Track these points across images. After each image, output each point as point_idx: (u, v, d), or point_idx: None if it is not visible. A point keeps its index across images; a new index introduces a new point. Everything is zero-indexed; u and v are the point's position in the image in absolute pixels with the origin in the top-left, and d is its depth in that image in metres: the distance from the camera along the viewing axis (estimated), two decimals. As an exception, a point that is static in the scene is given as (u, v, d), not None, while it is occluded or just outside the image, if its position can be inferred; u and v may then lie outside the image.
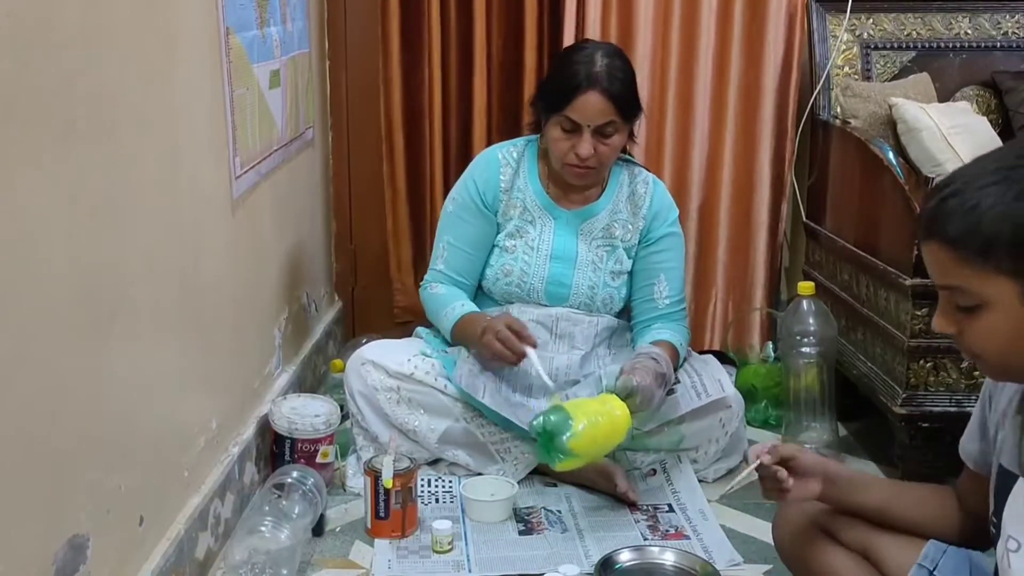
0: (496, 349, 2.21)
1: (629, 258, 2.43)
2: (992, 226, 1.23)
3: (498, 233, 2.43)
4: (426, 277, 2.48)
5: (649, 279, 2.43)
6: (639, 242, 2.43)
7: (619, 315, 2.48)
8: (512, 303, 2.43)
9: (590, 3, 2.88)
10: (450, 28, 2.96)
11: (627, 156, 2.50)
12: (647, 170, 2.52)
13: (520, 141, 2.49)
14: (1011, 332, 1.27)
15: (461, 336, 2.35)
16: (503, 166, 2.43)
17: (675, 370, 2.35)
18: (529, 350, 2.21)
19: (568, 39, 2.89)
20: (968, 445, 1.54)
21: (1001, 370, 1.35)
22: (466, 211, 2.42)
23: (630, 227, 2.42)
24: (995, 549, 1.41)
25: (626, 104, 2.29)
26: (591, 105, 2.25)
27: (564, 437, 1.99)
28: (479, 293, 2.49)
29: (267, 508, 1.96)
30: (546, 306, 2.41)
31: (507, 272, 2.41)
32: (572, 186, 2.42)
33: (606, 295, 2.41)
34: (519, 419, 2.25)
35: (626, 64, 2.36)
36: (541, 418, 2.04)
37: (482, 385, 2.28)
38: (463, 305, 2.38)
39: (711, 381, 2.35)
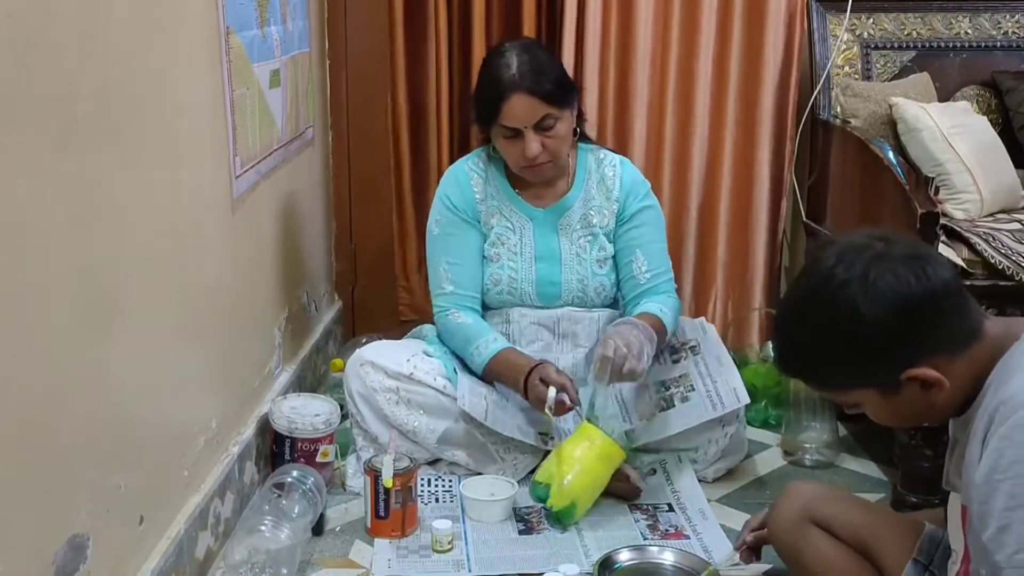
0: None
1: (611, 242, 2.43)
2: (827, 365, 1.43)
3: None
4: (439, 304, 2.40)
5: (627, 257, 2.42)
6: (616, 223, 2.42)
7: (615, 304, 2.48)
8: (507, 308, 2.43)
9: (590, 1, 2.88)
10: (454, 26, 2.96)
11: (590, 142, 2.49)
12: (612, 151, 2.51)
13: (481, 151, 2.46)
14: (890, 413, 1.46)
15: (495, 376, 2.33)
16: (472, 178, 2.41)
17: (664, 338, 2.33)
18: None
19: (568, 39, 2.89)
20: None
21: (895, 424, 1.56)
22: (453, 227, 2.40)
23: (605, 212, 2.41)
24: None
25: (554, 95, 2.25)
26: (519, 108, 2.23)
27: (557, 514, 2.13)
28: None
29: (267, 507, 1.96)
30: (542, 307, 2.41)
31: (496, 281, 2.40)
32: (541, 183, 2.41)
33: (596, 284, 2.40)
34: (523, 436, 2.28)
35: (543, 54, 2.33)
36: (532, 493, 2.18)
37: (484, 404, 2.28)
38: (495, 340, 2.33)
39: (726, 390, 2.31)
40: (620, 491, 2.27)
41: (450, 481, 2.34)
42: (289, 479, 2.05)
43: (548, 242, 2.41)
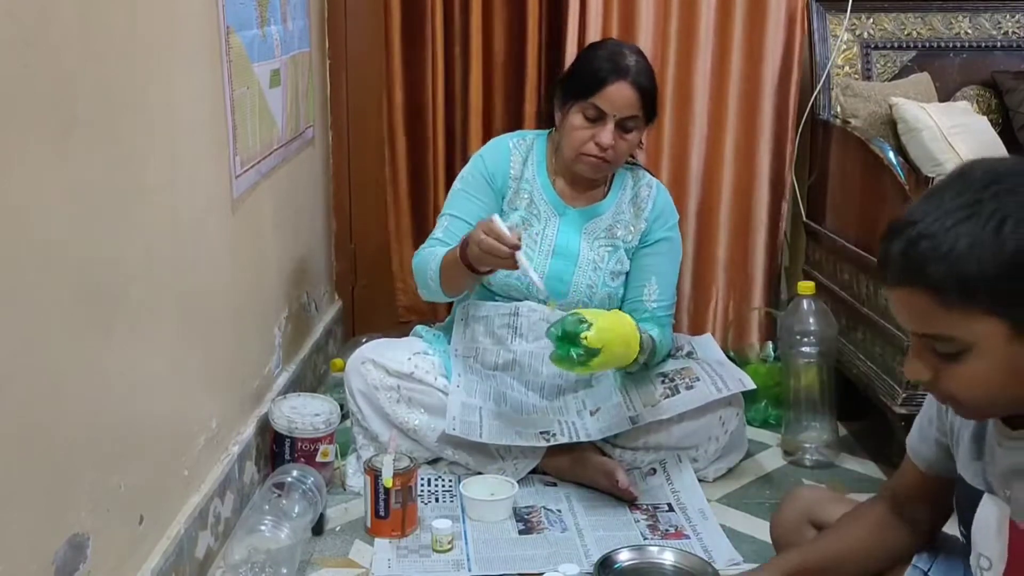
0: (487, 248, 2.09)
1: (629, 259, 2.44)
2: (974, 267, 1.16)
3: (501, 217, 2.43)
4: (424, 245, 2.41)
5: (640, 280, 2.43)
6: (639, 243, 2.44)
7: None
8: (515, 299, 2.42)
9: (591, 2, 2.88)
10: (452, 26, 2.96)
11: (632, 161, 2.52)
12: (651, 174, 2.53)
13: (529, 134, 2.51)
14: (997, 375, 1.22)
15: (448, 270, 2.25)
16: (513, 153, 2.45)
17: (648, 357, 2.30)
18: (519, 255, 2.10)
19: (571, 41, 2.88)
20: (922, 448, 1.50)
21: (979, 413, 1.31)
22: (474, 188, 2.42)
23: (632, 228, 2.43)
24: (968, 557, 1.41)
25: (651, 101, 2.33)
26: (621, 95, 2.28)
27: (581, 334, 2.02)
28: (480, 287, 2.47)
29: (267, 507, 1.96)
30: (544, 303, 2.41)
31: None
32: (579, 183, 2.43)
33: (604, 295, 2.41)
34: (524, 440, 2.27)
35: (651, 65, 2.40)
36: (557, 324, 2.06)
37: (477, 419, 2.28)
38: (445, 250, 2.29)
39: (732, 379, 2.35)
40: (617, 493, 2.27)
41: (450, 481, 2.34)
42: (289, 479, 2.05)
43: (569, 241, 2.42)
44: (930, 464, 1.49)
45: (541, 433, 2.29)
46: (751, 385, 2.35)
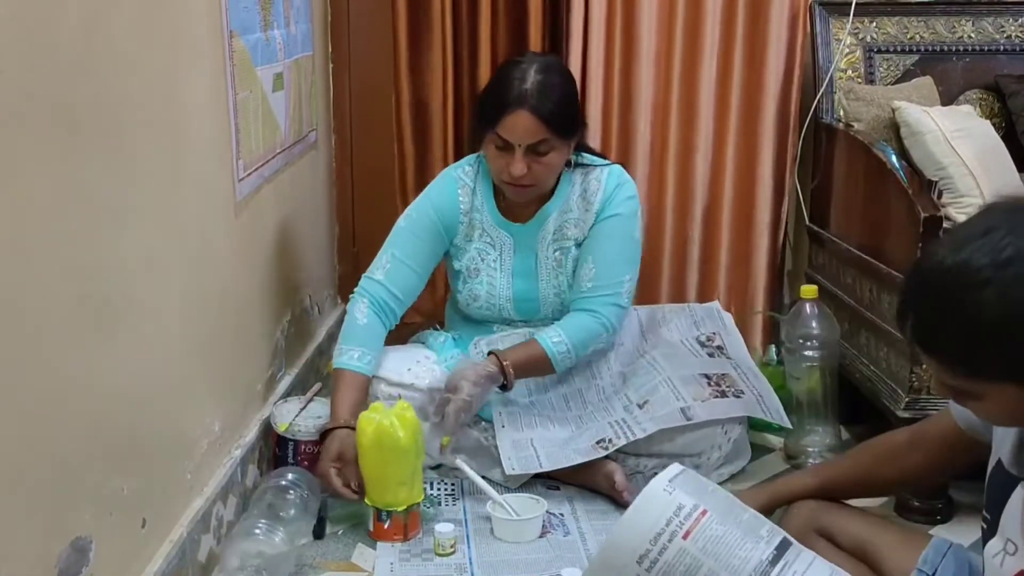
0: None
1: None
2: (974, 350, 1.28)
3: (456, 254, 2.42)
4: (363, 284, 2.36)
5: (582, 262, 2.37)
6: (588, 231, 2.39)
7: None
8: (492, 323, 2.45)
9: (593, 5, 2.88)
10: (459, 29, 2.97)
11: (588, 159, 2.41)
12: (608, 163, 2.42)
13: (472, 158, 2.44)
14: (1015, 410, 1.33)
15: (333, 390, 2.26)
16: (460, 188, 2.40)
17: (546, 367, 2.30)
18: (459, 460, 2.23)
19: (575, 43, 2.89)
20: (966, 412, 1.54)
21: (1008, 424, 1.42)
22: (421, 229, 2.38)
23: (582, 224, 2.38)
24: (982, 539, 1.45)
25: (558, 122, 2.21)
26: (520, 124, 2.19)
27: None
28: (459, 313, 2.50)
29: (260, 511, 1.95)
30: (523, 321, 2.42)
31: (475, 297, 2.42)
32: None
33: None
34: (584, 455, 2.23)
35: (562, 80, 2.28)
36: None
37: (532, 452, 2.26)
38: (359, 358, 2.25)
39: (774, 409, 2.36)
40: (614, 495, 2.26)
41: (453, 485, 2.34)
42: (283, 482, 2.05)
43: (526, 259, 2.41)
44: (970, 425, 1.56)
45: (598, 443, 2.24)
46: (788, 424, 2.37)
